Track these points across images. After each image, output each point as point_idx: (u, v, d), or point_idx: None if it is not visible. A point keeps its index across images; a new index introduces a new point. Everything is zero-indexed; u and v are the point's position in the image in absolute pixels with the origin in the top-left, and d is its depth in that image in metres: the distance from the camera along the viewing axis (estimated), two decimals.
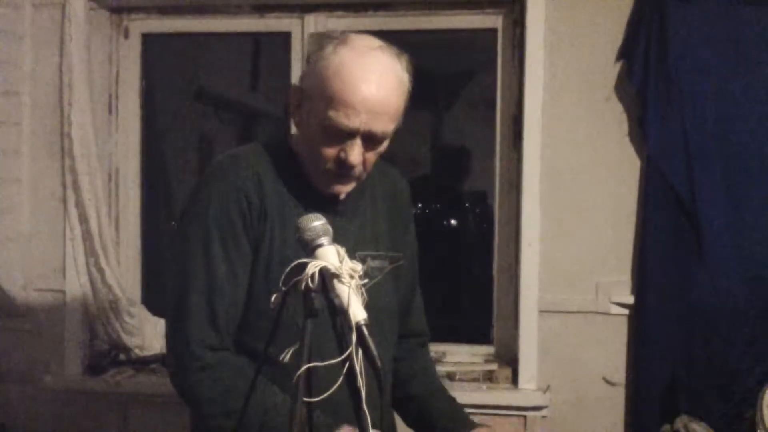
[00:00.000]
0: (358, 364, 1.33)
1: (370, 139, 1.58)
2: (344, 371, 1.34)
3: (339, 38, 1.57)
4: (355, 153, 1.57)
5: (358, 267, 1.37)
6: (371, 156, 1.61)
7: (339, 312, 1.34)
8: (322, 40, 1.59)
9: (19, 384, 3.04)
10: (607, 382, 2.80)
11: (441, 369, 2.90)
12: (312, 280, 1.32)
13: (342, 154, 1.57)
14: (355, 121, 1.53)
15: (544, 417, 2.82)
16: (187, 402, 1.63)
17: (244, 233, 1.59)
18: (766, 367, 2.62)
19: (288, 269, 1.34)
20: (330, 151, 1.57)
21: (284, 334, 1.39)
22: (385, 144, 1.63)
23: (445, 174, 4.12)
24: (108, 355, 3.05)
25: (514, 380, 2.85)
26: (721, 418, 2.62)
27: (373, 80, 1.53)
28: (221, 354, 1.59)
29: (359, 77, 1.52)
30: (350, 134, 1.55)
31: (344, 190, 1.65)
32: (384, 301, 1.75)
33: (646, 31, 2.68)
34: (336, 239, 1.41)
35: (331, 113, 1.53)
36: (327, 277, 1.33)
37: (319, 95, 1.54)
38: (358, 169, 1.60)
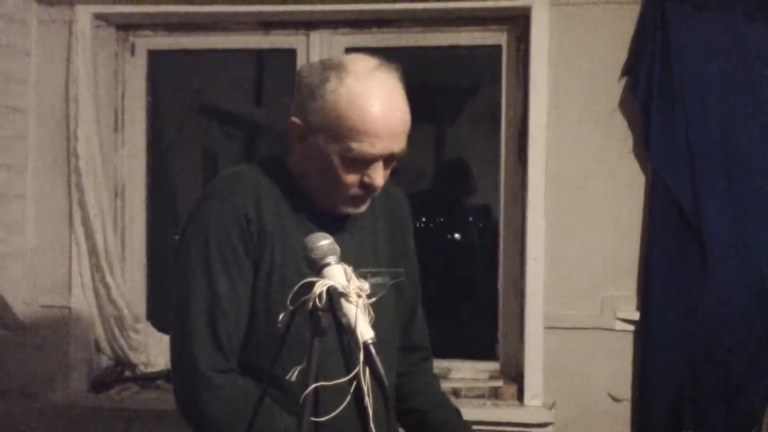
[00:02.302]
0: (366, 383, 1.33)
1: (389, 159, 1.59)
2: (352, 390, 1.34)
3: (336, 66, 1.56)
4: (380, 175, 1.59)
5: (366, 286, 1.37)
6: (387, 172, 1.62)
7: (346, 331, 1.34)
8: (319, 71, 1.57)
9: (23, 400, 3.03)
10: (613, 398, 2.80)
11: (446, 385, 2.89)
12: (320, 299, 1.32)
13: (366, 179, 1.58)
14: (379, 148, 1.55)
15: None
16: (194, 424, 1.62)
17: (244, 251, 1.58)
18: None
19: (296, 288, 1.35)
20: (353, 178, 1.58)
21: (289, 353, 1.39)
22: None
23: (448, 188, 4.11)
24: (113, 371, 3.05)
25: (520, 397, 2.85)
26: None
27: (387, 103, 1.54)
28: (229, 375, 1.59)
29: (374, 104, 1.52)
30: (373, 160, 1.57)
31: (362, 209, 1.67)
32: (385, 317, 1.74)
33: (650, 46, 2.69)
34: None
35: (354, 145, 1.53)
36: (334, 296, 1.33)
37: (336, 130, 1.54)
38: (380, 188, 1.62)
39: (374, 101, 1.52)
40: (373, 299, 1.63)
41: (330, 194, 1.62)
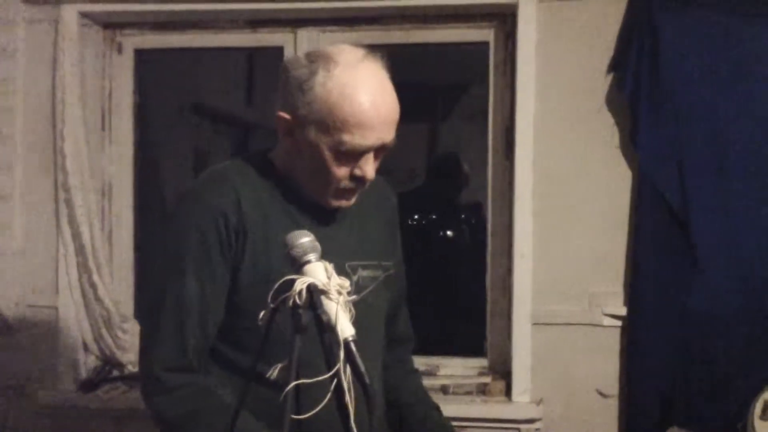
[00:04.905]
0: (346, 381, 1.33)
1: (381, 149, 1.58)
2: (332, 388, 1.34)
3: (322, 58, 1.55)
4: (371, 167, 1.58)
5: (346, 283, 1.37)
6: (377, 163, 1.62)
7: (327, 328, 1.34)
8: (306, 64, 1.56)
9: (11, 400, 3.03)
10: (601, 394, 2.80)
11: (434, 382, 2.91)
12: (300, 297, 1.33)
13: (357, 171, 1.57)
14: (371, 139, 1.54)
15: (537, 430, 2.82)
16: (155, 423, 1.63)
17: (220, 255, 1.57)
18: (759, 377, 2.61)
19: (276, 285, 1.35)
20: (344, 171, 1.57)
21: (273, 351, 1.40)
22: None
23: (440, 185, 4.12)
24: (101, 371, 3.04)
25: (508, 393, 2.85)
26: (714, 429, 2.62)
27: (377, 94, 1.53)
28: (186, 376, 1.58)
29: (365, 95, 1.51)
30: (365, 152, 1.56)
31: (352, 201, 1.66)
32: (375, 311, 1.75)
33: (637, 43, 2.68)
34: (326, 249, 1.41)
35: (346, 137, 1.52)
36: (315, 293, 1.33)
37: (327, 122, 1.52)
38: (371, 180, 1.61)
39: (365, 92, 1.51)
40: (360, 292, 1.65)
41: (320, 188, 1.61)
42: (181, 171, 3.96)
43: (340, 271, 1.43)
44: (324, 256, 1.40)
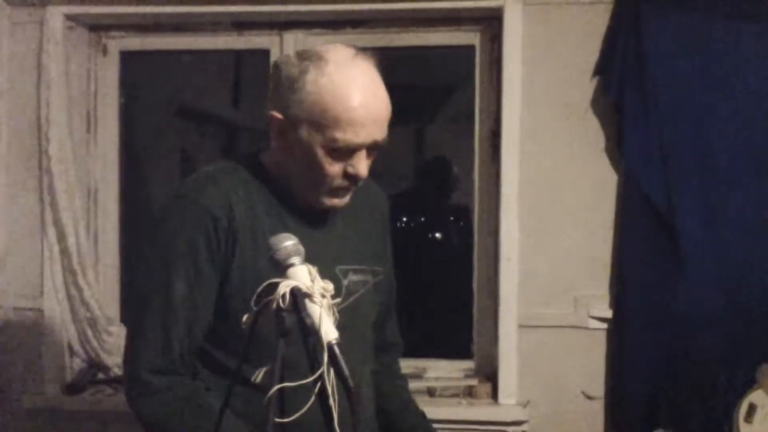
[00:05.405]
0: (330, 384, 1.33)
1: (373, 147, 1.58)
2: (316, 391, 1.34)
3: (314, 56, 1.55)
4: (363, 165, 1.58)
5: (330, 286, 1.37)
6: (370, 162, 1.61)
7: (311, 331, 1.34)
8: (297, 63, 1.56)
9: None
10: (587, 396, 2.81)
11: (421, 384, 2.91)
12: (283, 300, 1.32)
13: (350, 169, 1.57)
14: (362, 136, 1.54)
15: None
16: (140, 425, 1.63)
17: (209, 258, 1.57)
18: (745, 379, 2.62)
19: (260, 289, 1.35)
20: (336, 169, 1.57)
21: (258, 354, 1.39)
22: None
23: (429, 188, 4.13)
24: (86, 373, 3.02)
25: (494, 395, 2.85)
26: (700, 431, 2.63)
27: (368, 91, 1.53)
28: (170, 378, 1.57)
29: (356, 93, 1.52)
30: (357, 149, 1.56)
31: (346, 200, 1.65)
32: (364, 315, 1.75)
33: (622, 46, 2.69)
34: (316, 253, 1.41)
35: (338, 135, 1.52)
36: (298, 296, 1.33)
37: (319, 120, 1.53)
38: (364, 178, 1.61)
39: (356, 89, 1.51)
40: (351, 297, 1.64)
41: (313, 188, 1.61)
42: (167, 173, 3.94)
43: (330, 276, 1.43)
44: (314, 260, 1.39)
